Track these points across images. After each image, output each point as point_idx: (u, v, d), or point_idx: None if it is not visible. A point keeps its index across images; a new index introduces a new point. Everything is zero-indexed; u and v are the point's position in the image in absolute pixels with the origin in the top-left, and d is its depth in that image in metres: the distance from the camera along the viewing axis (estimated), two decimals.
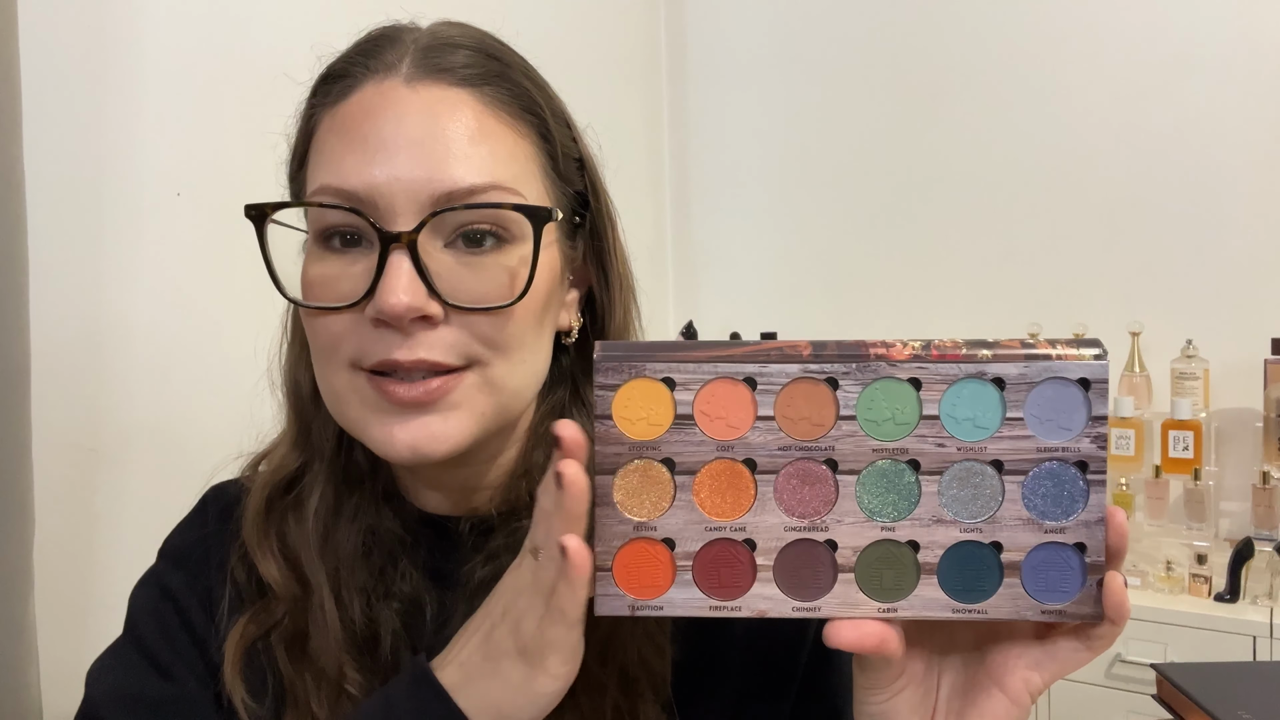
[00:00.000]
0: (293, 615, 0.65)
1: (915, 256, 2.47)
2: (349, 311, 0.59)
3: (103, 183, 1.25)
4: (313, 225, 0.62)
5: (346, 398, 0.61)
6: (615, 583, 0.51)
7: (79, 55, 1.22)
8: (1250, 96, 2.11)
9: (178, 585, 0.70)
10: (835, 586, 0.51)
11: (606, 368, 0.51)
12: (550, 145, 0.65)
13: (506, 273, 0.60)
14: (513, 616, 0.53)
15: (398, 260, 0.57)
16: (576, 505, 0.50)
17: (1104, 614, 0.50)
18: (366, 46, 0.64)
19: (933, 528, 0.51)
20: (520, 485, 0.67)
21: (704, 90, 2.75)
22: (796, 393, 0.50)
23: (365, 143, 0.59)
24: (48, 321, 1.12)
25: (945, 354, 0.50)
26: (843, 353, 0.50)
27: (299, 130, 0.66)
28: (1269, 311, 2.06)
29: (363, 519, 0.67)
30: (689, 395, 0.50)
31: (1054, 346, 0.50)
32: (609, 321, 0.70)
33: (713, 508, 0.51)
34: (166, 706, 0.66)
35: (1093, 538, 0.50)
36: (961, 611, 0.51)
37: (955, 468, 0.50)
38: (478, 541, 0.67)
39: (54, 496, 1.13)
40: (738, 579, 0.51)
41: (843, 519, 0.51)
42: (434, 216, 0.58)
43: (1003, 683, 0.53)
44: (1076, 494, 0.50)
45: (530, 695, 0.52)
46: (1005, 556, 0.50)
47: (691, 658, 0.66)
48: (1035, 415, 0.50)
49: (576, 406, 0.69)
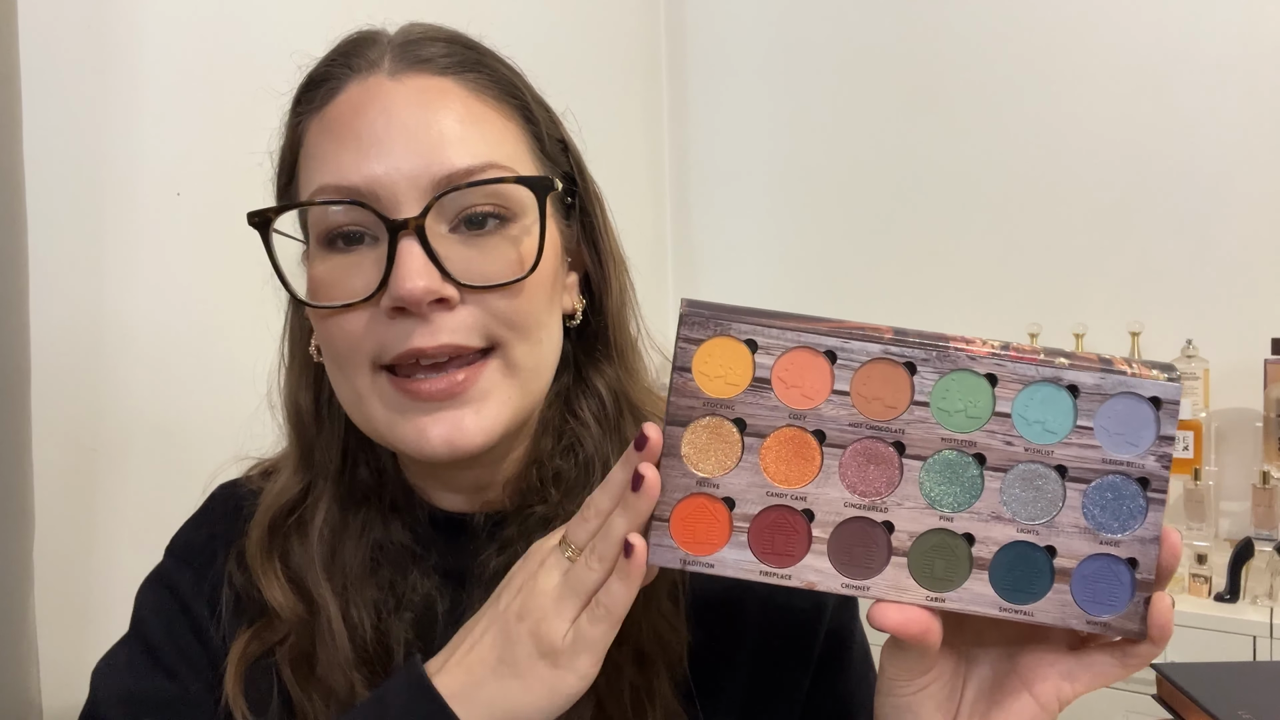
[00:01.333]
0: (298, 636, 0.65)
1: (915, 256, 2.47)
2: (364, 307, 0.59)
3: (103, 183, 1.25)
4: (314, 229, 0.62)
5: (370, 401, 0.61)
6: (670, 534, 0.51)
7: (79, 55, 1.22)
8: (1250, 96, 2.11)
9: (184, 583, 0.70)
10: (887, 569, 0.51)
11: (693, 321, 0.51)
12: (535, 127, 0.66)
13: (513, 249, 0.61)
14: (534, 617, 0.52)
15: (408, 246, 0.57)
16: (647, 508, 0.50)
17: (1147, 633, 0.50)
18: (344, 49, 0.64)
19: (990, 523, 0.51)
20: (531, 473, 0.67)
21: (704, 90, 2.74)
22: (874, 372, 0.51)
23: (359, 139, 0.59)
24: (48, 321, 1.12)
25: (1023, 355, 0.50)
26: (924, 340, 0.51)
27: (285, 143, 0.66)
28: (1269, 311, 2.06)
29: (369, 534, 0.67)
30: (769, 359, 0.51)
31: (1130, 365, 0.51)
32: (606, 299, 0.70)
33: (777, 473, 0.51)
34: (170, 707, 0.66)
35: (1146, 555, 0.50)
36: (1008, 611, 0.51)
37: (1020, 468, 0.51)
38: (492, 532, 0.67)
39: (54, 496, 1.13)
40: (791, 547, 0.51)
41: (903, 502, 0.51)
42: (439, 199, 0.58)
43: (1034, 688, 0.53)
44: (1135, 510, 0.50)
45: (552, 697, 0.52)
46: (1058, 562, 0.50)
47: (706, 639, 0.66)
48: (1105, 427, 0.50)
49: (581, 391, 0.69)
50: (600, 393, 0.69)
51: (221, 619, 0.67)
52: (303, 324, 0.70)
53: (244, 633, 0.66)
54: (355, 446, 0.68)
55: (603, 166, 0.72)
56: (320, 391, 0.69)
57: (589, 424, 0.68)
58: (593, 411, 0.69)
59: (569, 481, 0.66)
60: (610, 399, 0.69)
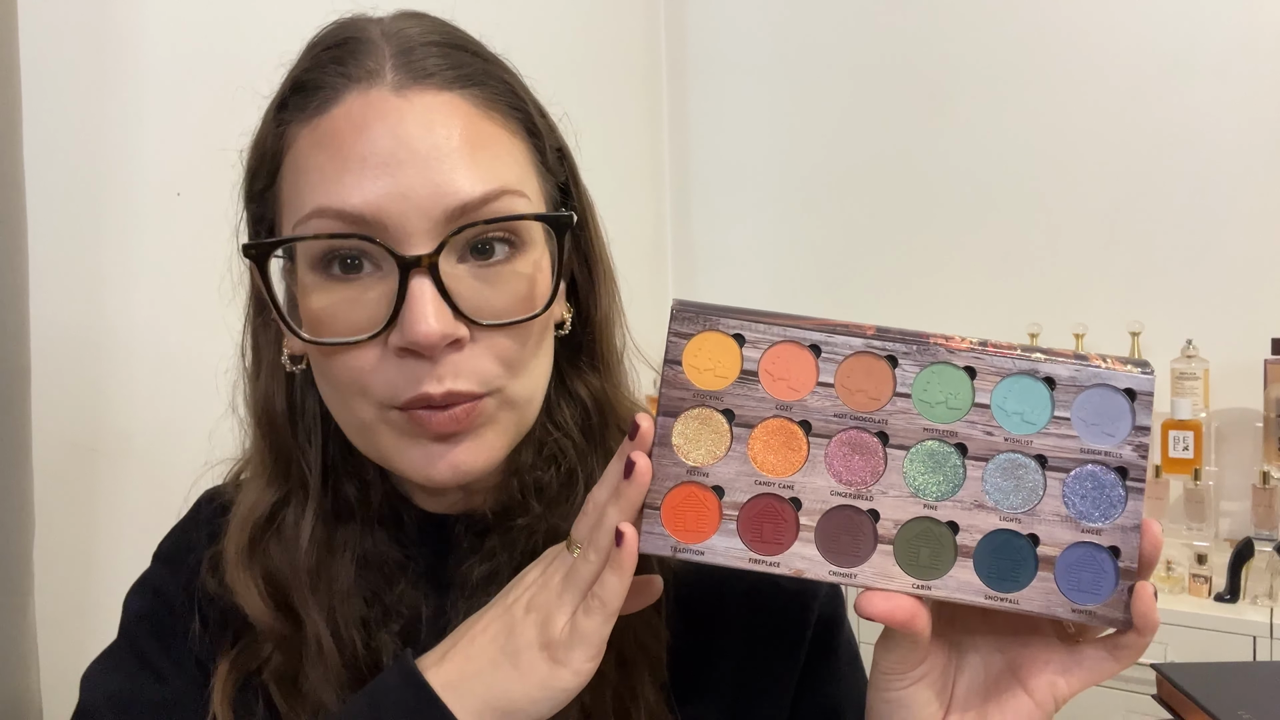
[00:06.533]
0: (284, 653, 0.64)
1: (915, 256, 2.47)
2: (370, 344, 0.57)
3: (102, 183, 1.25)
4: (309, 252, 0.58)
5: (378, 429, 0.59)
6: (661, 522, 0.52)
7: (79, 55, 1.22)
8: (1249, 97, 2.11)
9: (171, 588, 0.69)
10: (873, 556, 0.52)
11: (683, 317, 0.53)
12: (538, 140, 0.63)
13: (524, 283, 0.59)
14: (540, 612, 0.53)
15: (420, 285, 0.55)
16: (639, 495, 0.51)
17: (1132, 621, 0.50)
18: (337, 53, 0.60)
19: (973, 512, 0.52)
20: (512, 483, 0.66)
21: (704, 90, 2.74)
22: (857, 365, 0.52)
23: (364, 160, 0.55)
24: (48, 321, 1.12)
25: (1001, 350, 0.52)
26: (905, 336, 0.53)
27: (265, 147, 0.62)
28: (1269, 311, 2.06)
29: (355, 549, 0.65)
30: (756, 353, 0.53)
31: (1104, 360, 0.52)
32: (595, 310, 0.68)
33: (765, 463, 0.53)
34: (160, 710, 0.66)
35: (1127, 543, 0.51)
36: (993, 599, 0.51)
37: (1000, 457, 0.52)
38: (474, 542, 0.66)
39: (54, 496, 1.13)
40: (780, 535, 0.52)
41: (888, 491, 0.52)
42: (455, 235, 0.56)
43: (1029, 684, 0.53)
44: (1115, 499, 0.51)
45: (548, 691, 0.52)
46: (1041, 550, 0.51)
47: (688, 641, 0.66)
48: (1082, 418, 0.52)
49: (563, 400, 0.68)
50: (584, 401, 0.68)
51: (210, 625, 0.67)
52: (268, 327, 0.67)
53: (228, 651, 0.65)
54: (337, 459, 0.66)
55: (602, 167, 0.72)
56: (294, 398, 0.66)
57: (571, 433, 0.67)
58: (575, 421, 0.68)
59: (551, 493, 0.66)
60: (594, 408, 0.68)
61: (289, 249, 0.61)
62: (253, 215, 0.65)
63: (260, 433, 0.67)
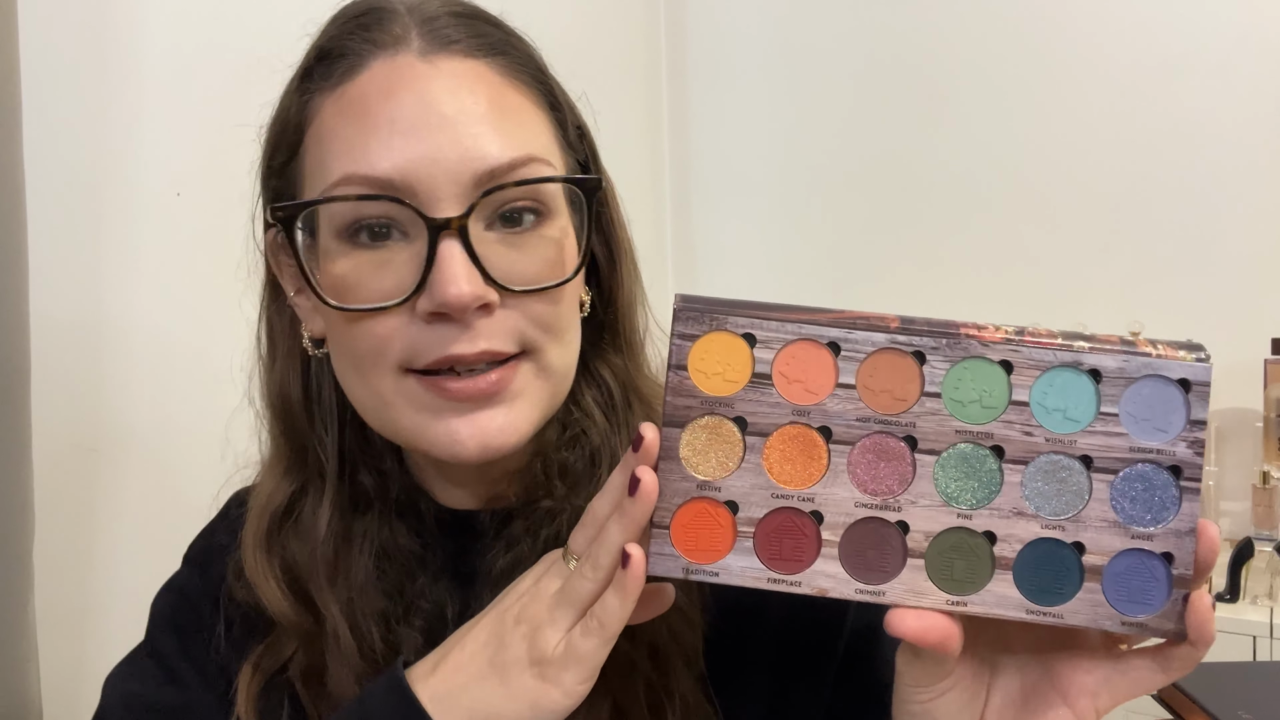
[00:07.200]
0: (306, 650, 0.63)
1: (915, 256, 2.47)
2: (396, 310, 0.56)
3: (102, 183, 1.25)
4: (331, 220, 0.57)
5: (396, 404, 0.58)
6: (671, 542, 0.48)
7: (79, 55, 1.22)
8: (1249, 97, 2.11)
9: (197, 591, 0.68)
10: (903, 572, 0.48)
11: (687, 317, 0.48)
12: (560, 114, 0.63)
13: (553, 249, 0.58)
14: (530, 624, 0.51)
15: (450, 248, 0.54)
16: (644, 514, 0.48)
17: (1186, 633, 0.46)
18: (362, 20, 0.59)
19: (1012, 520, 0.47)
20: (536, 466, 0.64)
21: (704, 90, 2.74)
22: (881, 363, 0.48)
23: (392, 124, 0.54)
24: (48, 321, 1.12)
25: (1040, 340, 0.47)
26: (932, 328, 0.48)
27: (288, 119, 0.61)
28: (1269, 311, 2.06)
29: (374, 541, 0.64)
30: (769, 354, 0.48)
31: (1154, 346, 0.47)
32: (618, 291, 0.67)
33: (781, 474, 0.48)
34: (178, 714, 0.65)
35: (1182, 549, 0.47)
36: (1036, 614, 0.47)
37: (1041, 459, 0.47)
38: (498, 530, 0.64)
39: (54, 496, 1.13)
40: (800, 552, 0.48)
41: (917, 500, 0.48)
42: (485, 197, 0.55)
43: (1069, 697, 0.49)
44: (1168, 500, 0.47)
45: (538, 711, 0.49)
46: (1087, 559, 0.47)
47: (725, 632, 0.64)
48: (1131, 413, 0.47)
49: (587, 382, 0.67)
50: (607, 383, 0.67)
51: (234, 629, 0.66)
52: (283, 314, 0.66)
53: (255, 649, 0.64)
54: (354, 448, 0.65)
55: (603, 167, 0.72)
56: (310, 385, 0.65)
57: (594, 414, 0.65)
58: (598, 402, 0.66)
59: (576, 474, 0.64)
60: (618, 390, 0.67)
61: (310, 223, 0.60)
62: (273, 191, 0.63)
63: (276, 421, 0.67)
